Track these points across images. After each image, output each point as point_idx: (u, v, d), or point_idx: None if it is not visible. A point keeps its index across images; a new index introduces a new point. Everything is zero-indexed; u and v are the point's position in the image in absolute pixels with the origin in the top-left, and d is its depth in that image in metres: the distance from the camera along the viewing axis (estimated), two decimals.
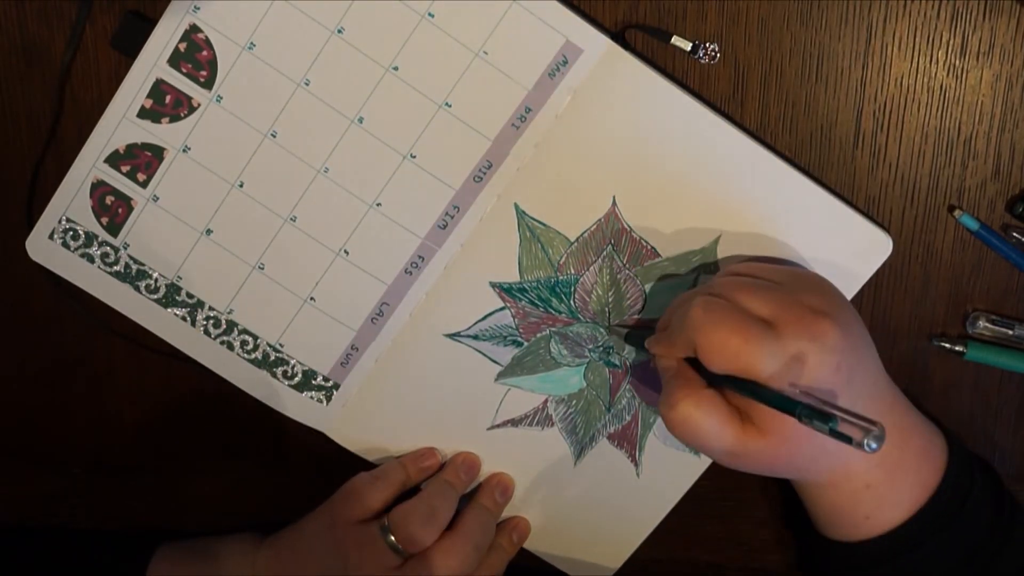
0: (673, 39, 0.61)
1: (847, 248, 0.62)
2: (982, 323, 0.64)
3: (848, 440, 0.47)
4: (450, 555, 0.61)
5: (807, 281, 0.57)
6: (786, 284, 0.56)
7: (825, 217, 0.61)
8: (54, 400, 0.68)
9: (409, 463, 0.65)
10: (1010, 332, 0.64)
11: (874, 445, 0.47)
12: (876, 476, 0.57)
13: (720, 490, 0.68)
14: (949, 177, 0.63)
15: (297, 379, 0.65)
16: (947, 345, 0.64)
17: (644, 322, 0.63)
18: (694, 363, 0.56)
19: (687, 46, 0.61)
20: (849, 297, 0.62)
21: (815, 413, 0.49)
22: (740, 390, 0.53)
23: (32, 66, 0.62)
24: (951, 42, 0.61)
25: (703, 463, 0.66)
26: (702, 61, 0.61)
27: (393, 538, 0.61)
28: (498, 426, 0.66)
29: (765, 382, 0.51)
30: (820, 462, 0.56)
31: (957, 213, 0.63)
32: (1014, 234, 0.63)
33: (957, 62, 0.61)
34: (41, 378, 0.68)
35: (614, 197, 0.61)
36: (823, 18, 0.61)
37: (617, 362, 0.64)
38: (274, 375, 0.65)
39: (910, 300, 0.65)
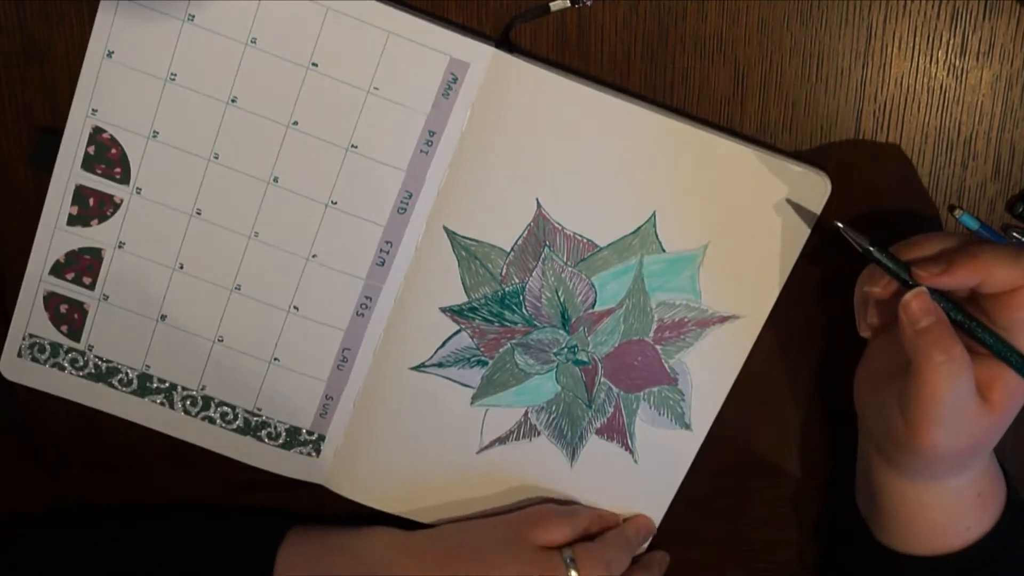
0: (551, 5, 0.63)
1: (786, 198, 0.63)
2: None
3: None
4: None
5: None
6: None
7: (757, 171, 0.63)
8: (55, 399, 0.72)
9: (596, 517, 0.70)
10: None
11: None
12: (985, 486, 0.60)
13: (720, 490, 0.71)
14: (949, 177, 0.65)
15: (282, 439, 0.70)
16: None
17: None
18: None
19: (567, 3, 0.63)
20: (799, 246, 0.64)
21: None
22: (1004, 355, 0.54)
23: (32, 66, 0.66)
24: (951, 42, 0.63)
25: (698, 436, 0.68)
26: (588, 5, 0.63)
27: (575, 573, 0.66)
28: (487, 447, 0.69)
29: None
30: (978, 458, 0.58)
31: (957, 213, 0.65)
32: (1014, 234, 0.65)
33: (957, 62, 0.63)
34: None
35: (537, 199, 0.64)
36: (823, 18, 0.63)
37: (585, 359, 0.67)
38: (259, 439, 0.70)
39: None
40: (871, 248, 0.56)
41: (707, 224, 0.64)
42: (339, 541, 0.69)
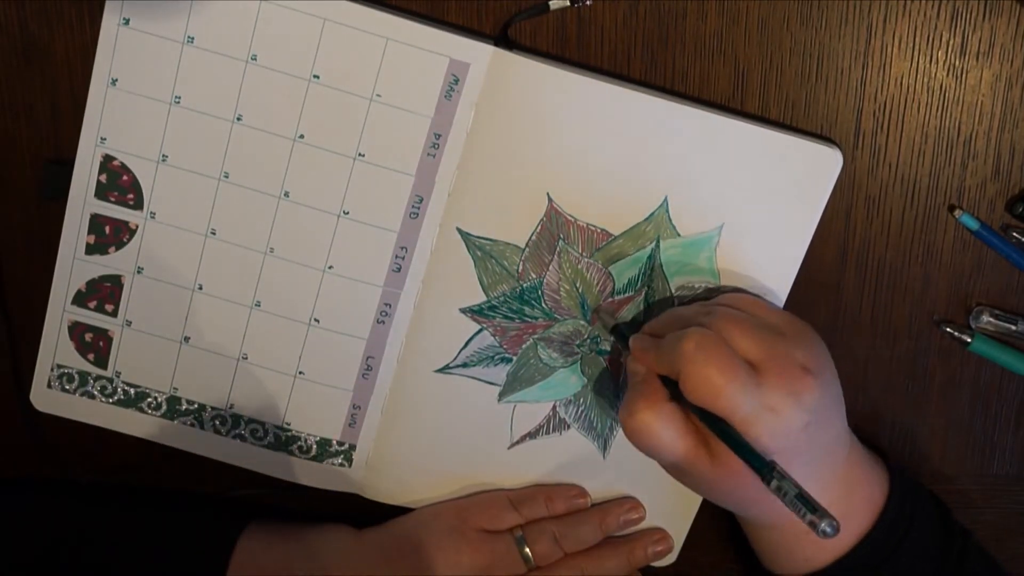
0: (551, 4, 0.65)
1: (798, 173, 0.65)
2: (986, 317, 0.68)
3: (804, 515, 0.52)
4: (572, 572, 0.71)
5: (800, 332, 0.62)
6: (779, 330, 0.61)
7: (766, 150, 0.65)
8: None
9: (554, 498, 0.72)
10: (1013, 327, 0.68)
11: (829, 531, 0.51)
12: None
13: None
14: (949, 177, 0.67)
15: (313, 451, 0.73)
16: (953, 332, 0.69)
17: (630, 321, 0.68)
18: (663, 376, 0.61)
19: (566, 2, 0.65)
20: (815, 220, 0.66)
21: (782, 479, 0.54)
22: (713, 428, 0.58)
23: (32, 66, 0.69)
24: (951, 42, 0.65)
25: None
26: (587, 4, 0.65)
27: (528, 550, 0.70)
28: (517, 443, 0.72)
29: (736, 424, 0.57)
30: (762, 505, 0.61)
31: (957, 213, 0.67)
32: (1014, 234, 0.67)
33: (957, 62, 0.65)
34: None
35: (548, 194, 0.66)
36: (823, 18, 0.65)
37: (609, 348, 0.69)
38: (291, 453, 0.73)
39: (910, 300, 0.69)
40: (614, 328, 0.67)
41: (721, 205, 0.66)
42: (296, 535, 0.72)
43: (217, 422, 0.72)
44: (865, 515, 0.63)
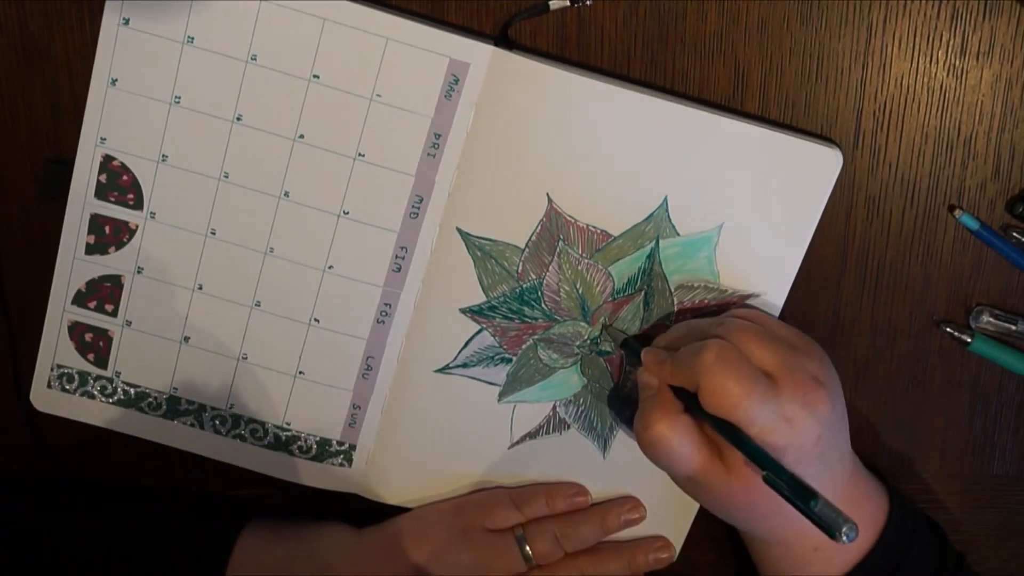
0: (551, 4, 0.65)
1: (798, 173, 0.65)
2: (986, 317, 0.69)
3: (822, 525, 0.54)
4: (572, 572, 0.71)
5: (810, 346, 0.63)
6: (792, 343, 0.62)
7: (766, 150, 0.65)
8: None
9: (555, 496, 0.72)
10: (1013, 327, 0.69)
11: (851, 536, 0.53)
12: (825, 540, 0.62)
13: None
14: (949, 177, 0.68)
15: (313, 451, 0.73)
16: (953, 332, 0.69)
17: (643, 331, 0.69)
18: (676, 388, 0.62)
19: (566, 2, 0.65)
20: (815, 220, 0.66)
21: (799, 487, 0.55)
22: (729, 437, 0.59)
23: (32, 66, 0.69)
24: (951, 42, 0.65)
25: None
26: (587, 4, 0.66)
27: (529, 549, 0.70)
28: (517, 443, 0.72)
29: (753, 434, 0.58)
30: (774, 519, 0.62)
31: (957, 213, 0.67)
32: (1014, 234, 0.67)
33: (957, 62, 0.66)
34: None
35: (548, 194, 0.67)
36: (823, 18, 0.66)
37: (609, 349, 0.70)
38: (291, 453, 0.73)
39: (910, 300, 0.70)
40: (624, 342, 0.68)
41: (720, 205, 0.66)
42: (296, 533, 0.72)
43: (217, 422, 0.73)
44: (867, 533, 0.64)
